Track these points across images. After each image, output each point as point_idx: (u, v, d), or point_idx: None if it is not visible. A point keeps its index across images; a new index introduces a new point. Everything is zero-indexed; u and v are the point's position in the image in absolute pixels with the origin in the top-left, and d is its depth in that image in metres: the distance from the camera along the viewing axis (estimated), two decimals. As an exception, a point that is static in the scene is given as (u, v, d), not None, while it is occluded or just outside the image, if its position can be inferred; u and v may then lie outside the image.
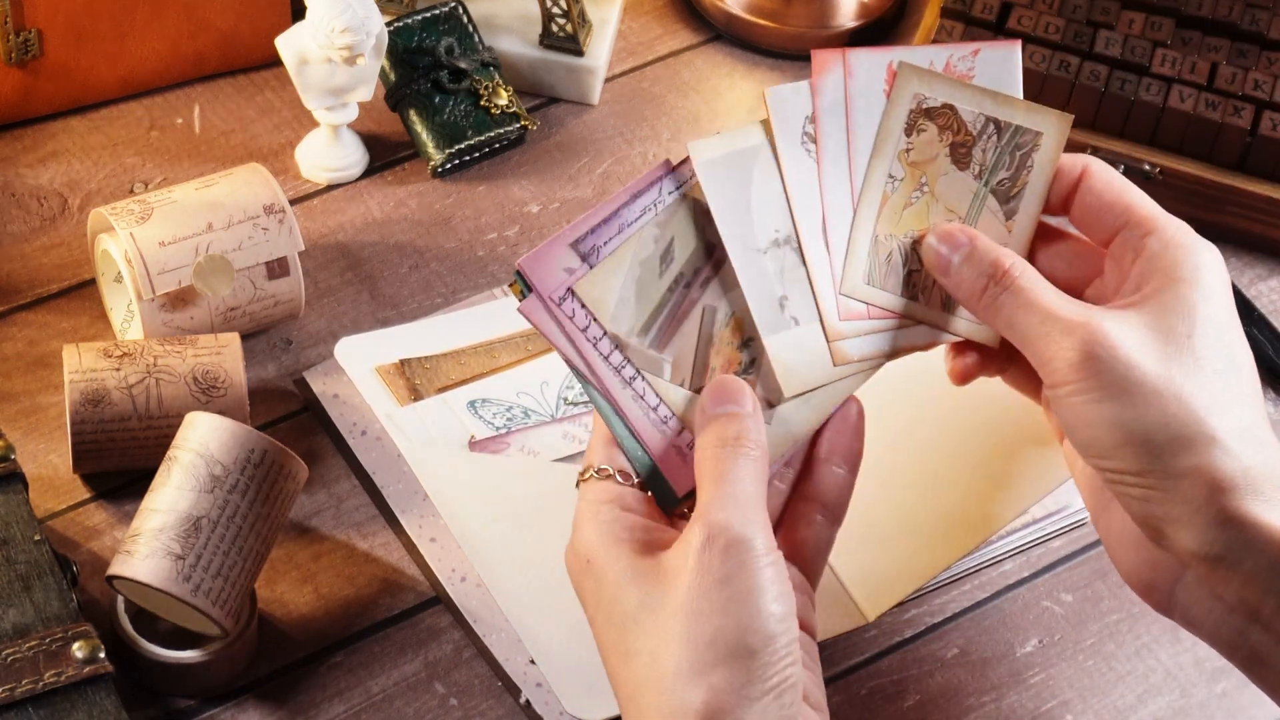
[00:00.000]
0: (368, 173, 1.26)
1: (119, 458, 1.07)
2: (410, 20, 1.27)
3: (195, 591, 0.98)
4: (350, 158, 1.25)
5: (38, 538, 0.99)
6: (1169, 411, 0.86)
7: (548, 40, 1.30)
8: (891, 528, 1.05)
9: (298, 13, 1.24)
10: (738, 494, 0.86)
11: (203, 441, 1.00)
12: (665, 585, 0.85)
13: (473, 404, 1.13)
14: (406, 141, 1.28)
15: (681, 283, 0.93)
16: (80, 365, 1.06)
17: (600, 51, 1.31)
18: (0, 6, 1.20)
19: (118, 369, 1.06)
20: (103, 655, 0.95)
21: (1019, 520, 1.09)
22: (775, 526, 0.93)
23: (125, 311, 1.15)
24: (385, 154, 1.27)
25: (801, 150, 0.93)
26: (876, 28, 1.36)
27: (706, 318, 0.93)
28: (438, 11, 1.28)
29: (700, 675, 0.83)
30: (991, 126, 0.94)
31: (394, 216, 1.24)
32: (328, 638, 1.05)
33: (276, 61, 1.26)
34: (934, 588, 1.08)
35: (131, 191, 1.23)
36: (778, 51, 1.35)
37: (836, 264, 0.93)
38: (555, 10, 1.29)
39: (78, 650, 0.95)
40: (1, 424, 1.11)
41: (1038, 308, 0.89)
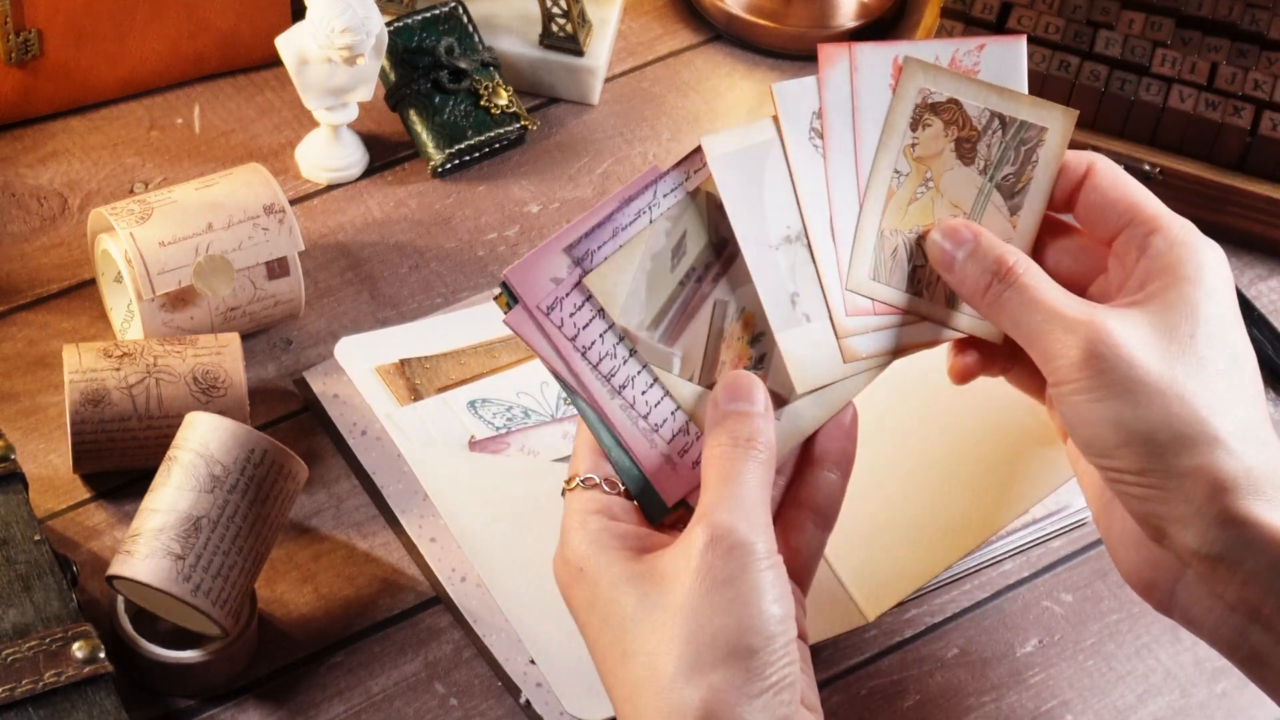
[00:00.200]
0: (368, 173, 1.26)
1: (119, 458, 1.07)
2: (410, 20, 1.27)
3: (195, 591, 0.97)
4: (350, 158, 1.25)
5: (38, 538, 0.99)
6: (1171, 411, 0.86)
7: (548, 40, 1.30)
8: (892, 528, 1.05)
9: (298, 13, 1.24)
10: (744, 496, 0.86)
11: (203, 441, 1.00)
12: (664, 586, 0.85)
13: (473, 404, 1.13)
14: (406, 141, 1.28)
15: (693, 277, 0.92)
16: (80, 365, 1.06)
17: (600, 51, 1.31)
18: (0, 6, 1.20)
19: (118, 369, 1.06)
20: (103, 655, 0.95)
21: (1019, 520, 1.09)
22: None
23: (125, 311, 1.15)
24: (385, 154, 1.27)
25: (809, 146, 0.93)
26: (876, 28, 1.36)
27: (717, 312, 0.92)
28: (438, 11, 1.28)
29: (700, 674, 0.83)
30: (996, 121, 0.94)
31: (394, 216, 1.24)
32: (328, 638, 1.05)
33: (276, 61, 1.26)
34: (934, 588, 1.08)
35: (131, 191, 1.23)
36: (778, 51, 1.35)
37: (843, 260, 0.93)
38: (555, 10, 1.29)
39: (78, 650, 0.95)
40: (1, 424, 1.11)
41: (1041, 305, 0.89)
